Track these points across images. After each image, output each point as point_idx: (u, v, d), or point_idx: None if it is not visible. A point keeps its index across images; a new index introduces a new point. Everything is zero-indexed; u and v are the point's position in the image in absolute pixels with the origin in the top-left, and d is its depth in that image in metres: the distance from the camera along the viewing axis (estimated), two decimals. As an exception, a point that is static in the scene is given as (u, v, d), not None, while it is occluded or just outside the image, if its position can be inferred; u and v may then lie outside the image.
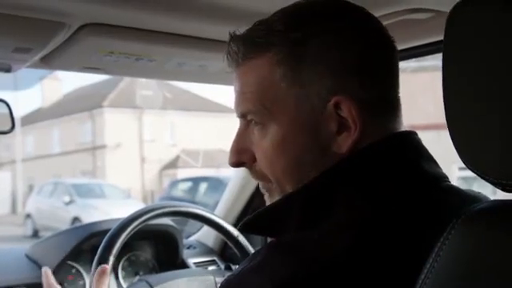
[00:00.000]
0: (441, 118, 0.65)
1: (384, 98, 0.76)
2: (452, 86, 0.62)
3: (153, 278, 1.51)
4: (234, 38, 0.78)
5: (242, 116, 0.80)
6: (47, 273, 1.17)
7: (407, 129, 0.79)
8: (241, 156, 0.80)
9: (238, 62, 0.78)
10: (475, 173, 0.60)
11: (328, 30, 0.74)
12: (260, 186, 0.83)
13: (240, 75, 0.78)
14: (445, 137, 0.65)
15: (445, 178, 0.77)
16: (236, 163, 0.81)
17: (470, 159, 0.61)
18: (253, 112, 0.77)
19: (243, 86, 0.78)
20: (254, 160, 0.79)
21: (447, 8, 0.64)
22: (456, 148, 0.62)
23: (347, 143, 0.73)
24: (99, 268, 1.16)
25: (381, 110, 0.76)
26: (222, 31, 1.21)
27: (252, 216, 0.81)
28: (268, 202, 0.82)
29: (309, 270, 0.64)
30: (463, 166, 0.62)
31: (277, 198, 0.79)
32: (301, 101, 0.73)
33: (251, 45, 0.76)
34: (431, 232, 0.64)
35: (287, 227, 0.74)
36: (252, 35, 0.77)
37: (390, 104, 0.78)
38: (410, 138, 0.78)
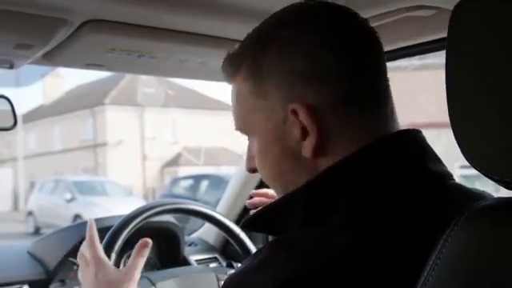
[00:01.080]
0: (442, 116, 0.65)
1: (350, 98, 0.75)
2: (455, 83, 0.62)
3: (154, 275, 1.52)
4: (225, 57, 0.83)
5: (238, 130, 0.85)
6: (92, 226, 1.15)
7: (411, 127, 0.79)
8: (251, 163, 0.85)
9: (228, 81, 0.84)
10: (479, 171, 0.60)
11: (279, 40, 0.75)
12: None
13: (230, 93, 0.84)
14: (446, 135, 0.65)
15: (450, 176, 0.77)
16: (249, 169, 0.87)
17: (474, 157, 0.60)
18: (239, 128, 0.84)
19: (231, 104, 0.84)
20: None
21: (450, 5, 0.64)
22: (459, 146, 0.61)
23: (310, 147, 0.74)
24: (142, 240, 1.13)
25: (350, 110, 0.75)
26: (223, 28, 1.21)
27: (255, 214, 0.81)
28: None
29: (311, 268, 0.64)
30: (465, 164, 0.62)
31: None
32: (267, 112, 0.77)
33: (229, 65, 0.82)
34: (434, 231, 0.63)
35: (290, 225, 0.74)
36: (232, 54, 0.82)
37: (362, 103, 0.76)
38: (414, 136, 0.77)
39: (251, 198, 1.32)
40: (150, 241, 1.12)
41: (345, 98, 0.74)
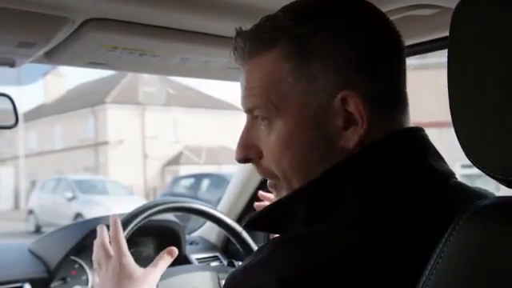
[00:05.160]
0: (443, 115, 0.65)
1: (391, 94, 0.76)
2: (457, 82, 0.62)
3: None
4: (240, 33, 0.78)
5: (249, 111, 0.79)
6: (116, 221, 1.14)
7: (414, 125, 0.79)
8: (248, 152, 0.80)
9: (244, 58, 0.78)
10: (480, 169, 0.60)
11: (334, 26, 0.74)
12: (268, 184, 0.83)
13: (247, 71, 0.78)
14: (447, 135, 0.65)
15: (452, 175, 0.77)
16: (243, 159, 0.81)
17: (475, 156, 0.60)
18: (259, 107, 0.76)
19: (250, 82, 0.77)
20: (261, 156, 0.79)
21: (452, 4, 0.64)
22: (461, 145, 0.61)
23: (354, 138, 0.72)
24: (169, 248, 1.17)
25: (388, 105, 0.76)
26: (225, 27, 1.21)
27: (258, 212, 0.80)
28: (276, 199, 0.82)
29: (314, 265, 0.64)
30: (466, 163, 0.62)
31: (284, 194, 0.78)
32: (307, 96, 0.73)
33: (258, 40, 0.76)
34: (437, 229, 0.63)
35: (293, 224, 0.74)
36: (258, 31, 0.77)
37: (397, 100, 0.77)
38: (417, 134, 0.77)
39: (254, 197, 1.31)
40: (176, 250, 1.17)
41: (386, 93, 0.75)
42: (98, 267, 1.12)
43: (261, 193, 1.35)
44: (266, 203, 1.28)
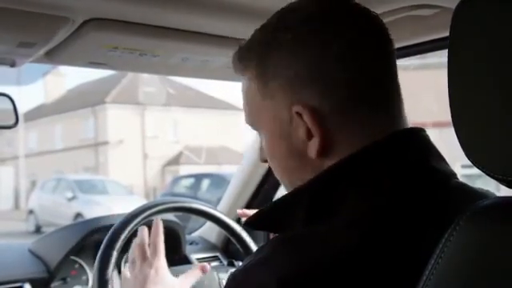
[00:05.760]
0: (443, 116, 0.65)
1: (357, 98, 0.75)
2: (457, 82, 0.62)
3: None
4: (235, 52, 0.84)
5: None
6: (158, 225, 1.19)
7: (415, 126, 0.79)
8: (263, 153, 0.86)
9: (239, 76, 0.84)
10: (481, 170, 0.60)
11: (282, 43, 0.76)
12: None
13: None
14: (447, 135, 0.65)
15: (454, 175, 0.77)
16: (262, 160, 0.88)
17: (476, 156, 0.60)
18: (248, 122, 0.85)
19: (242, 98, 0.85)
20: None
21: (452, 4, 0.64)
22: (461, 145, 0.61)
23: (315, 148, 0.74)
24: (202, 264, 1.25)
25: (358, 108, 0.74)
26: (225, 27, 1.21)
27: (258, 212, 0.81)
28: None
29: (314, 266, 0.64)
30: (466, 164, 0.62)
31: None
32: (274, 112, 0.78)
33: (239, 62, 0.82)
34: (437, 230, 0.63)
35: (293, 223, 0.74)
36: (240, 53, 0.82)
37: (370, 102, 0.75)
38: (419, 134, 0.77)
39: (254, 197, 1.34)
40: (208, 267, 1.25)
41: (351, 98, 0.74)
42: (131, 265, 1.16)
43: (239, 212, 1.41)
44: (251, 212, 1.31)
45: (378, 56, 0.77)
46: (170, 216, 1.78)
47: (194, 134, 23.78)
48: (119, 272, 1.67)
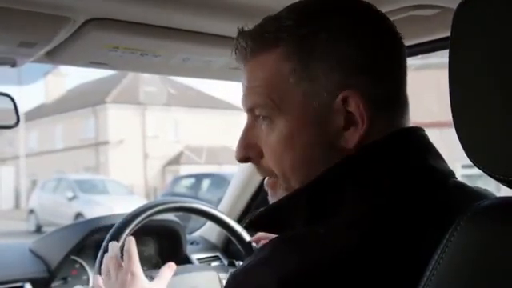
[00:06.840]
0: (444, 116, 0.65)
1: (392, 95, 0.76)
2: (458, 82, 0.62)
3: (156, 273, 1.51)
4: (242, 33, 0.78)
5: (250, 110, 0.79)
6: (132, 242, 1.18)
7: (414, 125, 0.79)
8: (248, 151, 0.80)
9: (246, 58, 0.78)
10: (481, 170, 0.60)
11: (335, 26, 0.74)
12: (265, 183, 0.83)
13: (248, 70, 0.78)
14: (448, 135, 0.65)
15: (452, 174, 0.77)
16: (243, 158, 0.81)
17: (476, 156, 0.60)
18: (261, 106, 0.76)
19: (252, 81, 0.77)
20: (261, 155, 0.79)
21: (453, 4, 0.64)
22: (462, 145, 0.61)
23: (354, 138, 0.72)
24: (167, 264, 1.23)
25: (389, 106, 0.76)
26: (226, 27, 1.21)
27: (259, 213, 0.80)
28: (271, 199, 0.81)
29: (315, 264, 0.64)
30: (466, 164, 0.62)
31: (282, 194, 0.78)
32: (309, 96, 0.73)
33: (260, 40, 0.76)
34: (438, 230, 0.63)
35: (294, 224, 0.74)
36: (261, 30, 0.76)
37: (398, 101, 0.77)
38: (418, 134, 0.77)
39: (255, 197, 1.34)
40: (173, 264, 1.23)
41: (386, 94, 0.75)
42: (105, 278, 1.16)
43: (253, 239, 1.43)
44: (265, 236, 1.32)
45: (401, 59, 0.79)
46: (171, 216, 1.78)
47: (195, 133, 23.77)
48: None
